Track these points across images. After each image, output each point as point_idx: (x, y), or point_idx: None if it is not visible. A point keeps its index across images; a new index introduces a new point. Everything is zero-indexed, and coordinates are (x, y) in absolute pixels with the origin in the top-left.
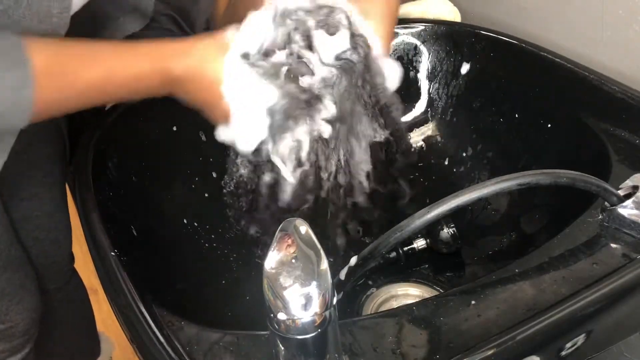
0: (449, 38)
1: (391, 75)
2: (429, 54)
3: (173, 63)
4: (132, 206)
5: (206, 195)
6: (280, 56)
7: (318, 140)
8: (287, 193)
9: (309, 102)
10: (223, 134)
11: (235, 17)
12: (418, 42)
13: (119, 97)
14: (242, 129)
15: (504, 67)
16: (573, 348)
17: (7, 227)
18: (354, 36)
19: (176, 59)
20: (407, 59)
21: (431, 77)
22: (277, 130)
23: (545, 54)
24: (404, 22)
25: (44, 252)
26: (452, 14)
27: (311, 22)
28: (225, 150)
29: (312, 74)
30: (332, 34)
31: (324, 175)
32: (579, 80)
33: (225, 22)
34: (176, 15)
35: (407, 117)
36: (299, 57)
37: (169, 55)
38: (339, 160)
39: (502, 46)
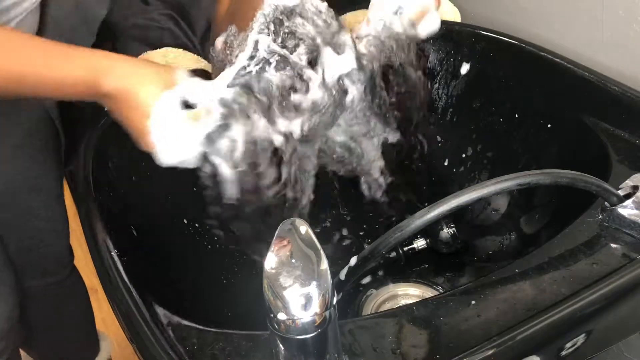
0: (449, 38)
1: (432, 25)
2: (429, 54)
3: (104, 79)
4: (132, 206)
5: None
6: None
7: (259, 147)
8: (231, 190)
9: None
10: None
11: (236, 17)
12: (418, 42)
13: (42, 95)
14: (165, 156)
15: (504, 67)
16: (573, 348)
17: None
18: (359, 57)
19: (109, 77)
20: None
21: (431, 77)
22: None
23: (545, 54)
24: None
25: (44, 242)
26: (452, 14)
27: (319, 40)
28: None
29: (306, 92)
30: (338, 53)
31: (264, 181)
32: (579, 80)
33: (226, 22)
34: (176, 15)
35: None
36: (299, 74)
37: (103, 71)
38: (289, 173)
39: (502, 46)
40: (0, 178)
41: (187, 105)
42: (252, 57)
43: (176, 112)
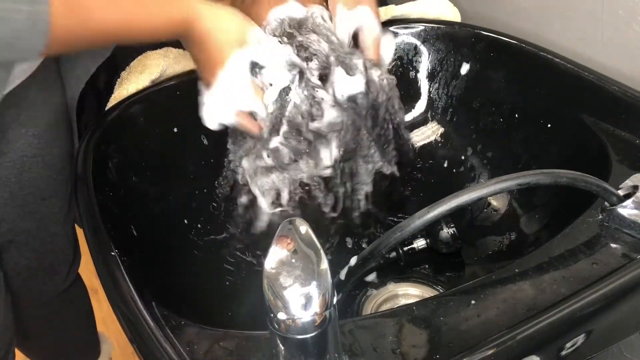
0: (449, 38)
1: (388, 50)
2: (429, 54)
3: (191, 30)
4: (132, 206)
5: (206, 195)
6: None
7: (305, 186)
8: (262, 222)
9: (312, 147)
10: (206, 97)
11: None
12: (418, 42)
13: (132, 40)
14: (218, 106)
15: (504, 67)
16: (573, 348)
17: None
18: (368, 82)
19: (196, 27)
20: (407, 59)
21: (431, 77)
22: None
23: (545, 54)
24: (404, 22)
25: (58, 246)
26: (452, 14)
27: (332, 58)
28: (226, 152)
29: (322, 116)
30: (349, 75)
31: (325, 209)
32: (579, 80)
33: None
34: None
35: (407, 117)
36: (313, 96)
37: (192, 21)
38: (345, 189)
39: (502, 46)
40: (25, 187)
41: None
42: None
43: (242, 73)
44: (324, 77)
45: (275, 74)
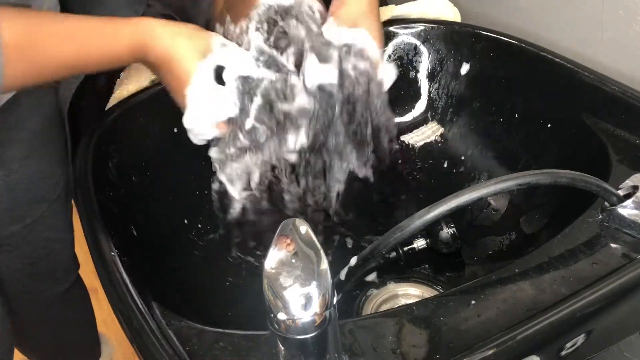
0: (449, 38)
1: (387, 78)
2: (429, 54)
3: (149, 52)
4: (132, 206)
5: (206, 195)
6: (262, 73)
7: (277, 169)
8: (235, 210)
9: (281, 127)
10: (184, 119)
11: (231, 14)
12: (418, 42)
13: (93, 70)
14: (195, 124)
15: (504, 67)
16: (573, 348)
17: None
18: (342, 74)
19: (154, 49)
20: (407, 59)
21: (431, 77)
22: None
23: (545, 54)
24: (404, 22)
25: (53, 251)
26: (452, 14)
27: (307, 45)
28: None
29: (293, 99)
30: (322, 62)
31: (287, 197)
32: (579, 80)
33: (222, 19)
34: (175, 15)
35: (407, 117)
36: (285, 80)
37: (148, 44)
38: (307, 184)
39: (502, 46)
40: (13, 190)
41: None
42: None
43: (209, 84)
44: (298, 66)
45: (243, 69)
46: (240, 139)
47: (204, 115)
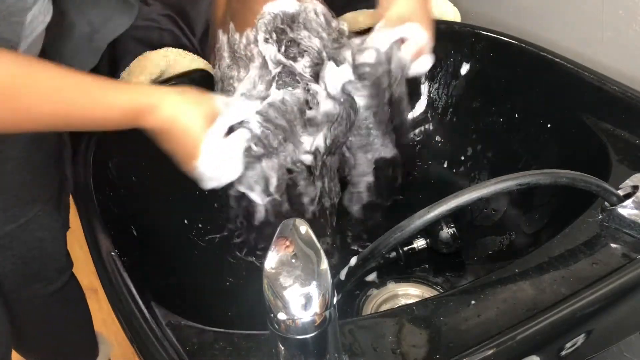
0: (449, 38)
1: (424, 66)
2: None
3: (149, 116)
4: (132, 206)
5: (206, 195)
6: (280, 95)
7: (294, 172)
8: (260, 214)
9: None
10: (201, 184)
11: (235, 20)
12: None
13: (81, 129)
14: (213, 184)
15: (504, 67)
16: (573, 348)
17: None
18: (357, 67)
19: (154, 114)
20: None
21: (431, 77)
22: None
23: (545, 54)
24: None
25: (46, 250)
26: (452, 14)
27: (324, 53)
28: None
29: (317, 105)
30: (337, 65)
31: (305, 199)
32: (579, 80)
33: (224, 24)
34: (175, 16)
35: (407, 117)
36: (308, 90)
37: (147, 108)
38: (323, 185)
39: (502, 46)
40: (6, 189)
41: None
42: (261, 72)
43: (221, 143)
44: (315, 74)
45: (252, 118)
46: (254, 149)
47: (220, 176)
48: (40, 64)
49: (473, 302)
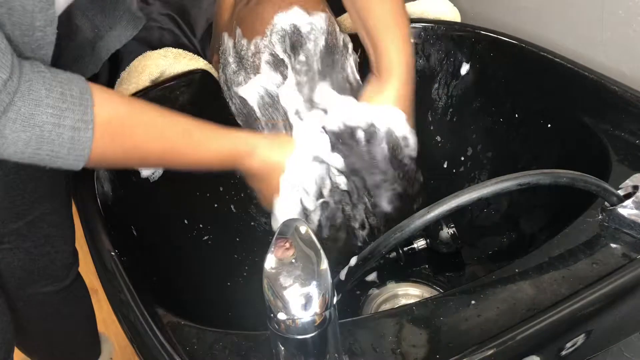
0: (449, 38)
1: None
2: (429, 54)
3: (246, 160)
4: (132, 206)
5: (207, 195)
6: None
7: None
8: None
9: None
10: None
11: (242, 25)
12: (418, 42)
13: (174, 168)
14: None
15: (504, 67)
16: (573, 348)
17: None
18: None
19: (251, 158)
20: None
21: (431, 77)
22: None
23: (545, 54)
24: None
25: (54, 248)
26: (452, 14)
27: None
28: None
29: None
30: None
31: (355, 224)
32: (579, 80)
33: (230, 28)
34: (176, 15)
35: None
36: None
37: (244, 153)
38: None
39: (502, 46)
40: (14, 187)
41: None
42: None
43: (293, 194)
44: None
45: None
46: (314, 221)
47: (293, 212)
48: (143, 103)
49: (473, 302)
